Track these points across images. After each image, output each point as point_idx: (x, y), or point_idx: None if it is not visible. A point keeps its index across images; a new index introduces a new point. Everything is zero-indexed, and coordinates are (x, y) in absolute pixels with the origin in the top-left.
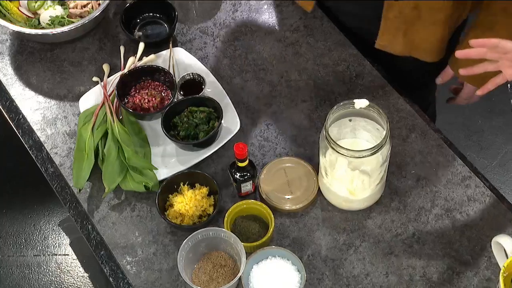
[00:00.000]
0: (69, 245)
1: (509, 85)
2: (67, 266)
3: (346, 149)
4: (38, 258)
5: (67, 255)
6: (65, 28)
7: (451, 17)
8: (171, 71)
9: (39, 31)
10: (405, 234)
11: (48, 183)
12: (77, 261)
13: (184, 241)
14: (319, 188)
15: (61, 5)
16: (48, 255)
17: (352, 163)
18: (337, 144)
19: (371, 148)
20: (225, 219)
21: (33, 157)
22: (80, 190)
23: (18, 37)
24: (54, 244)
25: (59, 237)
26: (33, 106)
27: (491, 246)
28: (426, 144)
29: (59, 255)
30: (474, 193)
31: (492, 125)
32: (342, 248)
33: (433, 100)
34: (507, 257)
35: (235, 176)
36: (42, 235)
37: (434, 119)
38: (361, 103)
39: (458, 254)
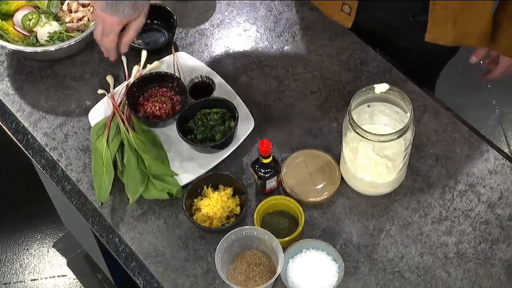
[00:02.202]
0: (66, 266)
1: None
2: (67, 287)
3: (373, 134)
4: (36, 282)
5: (65, 275)
6: (67, 43)
7: None
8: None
9: (38, 49)
10: (432, 213)
11: (35, 205)
12: (77, 281)
13: (219, 243)
14: (341, 176)
15: (57, 21)
16: (46, 277)
17: (376, 149)
18: (363, 129)
19: (397, 131)
20: (255, 216)
21: (47, 177)
22: (102, 204)
23: (15, 57)
24: (50, 266)
25: (55, 259)
26: (41, 125)
27: None
28: (440, 123)
29: (57, 276)
30: (494, 165)
31: (472, 102)
32: (373, 234)
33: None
34: None
35: (260, 173)
36: (37, 258)
37: None
38: (381, 87)
39: (487, 227)
